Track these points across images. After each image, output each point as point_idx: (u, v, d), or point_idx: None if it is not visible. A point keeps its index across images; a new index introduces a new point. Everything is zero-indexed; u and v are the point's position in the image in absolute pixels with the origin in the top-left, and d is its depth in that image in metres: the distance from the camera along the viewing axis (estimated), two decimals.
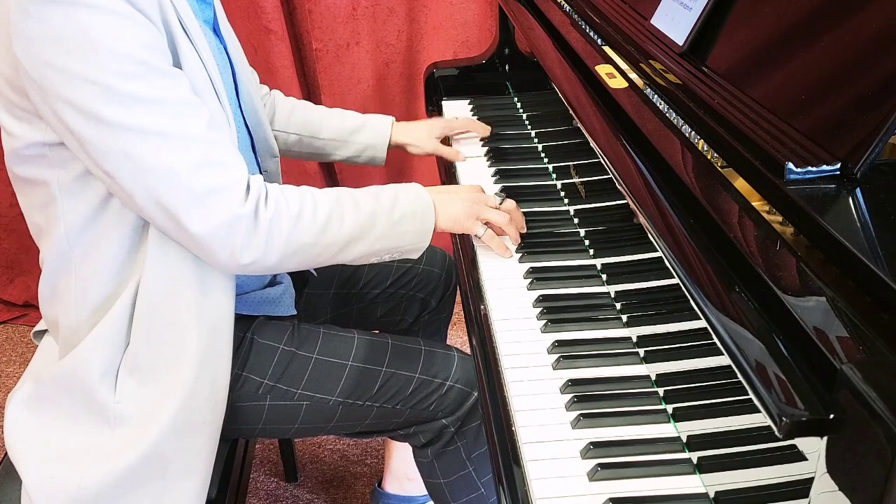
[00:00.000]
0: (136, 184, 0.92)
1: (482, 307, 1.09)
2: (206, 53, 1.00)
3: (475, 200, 1.15)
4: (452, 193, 1.16)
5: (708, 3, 1.00)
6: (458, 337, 2.19)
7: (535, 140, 1.54)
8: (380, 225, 1.06)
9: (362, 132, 1.43)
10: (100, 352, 1.01)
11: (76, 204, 0.97)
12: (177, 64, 0.96)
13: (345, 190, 1.09)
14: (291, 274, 1.31)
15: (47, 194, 0.98)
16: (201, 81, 0.98)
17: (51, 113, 0.90)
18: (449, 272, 1.46)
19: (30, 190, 1.01)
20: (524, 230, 1.21)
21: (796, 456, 0.63)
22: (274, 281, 1.25)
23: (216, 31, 1.12)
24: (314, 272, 1.38)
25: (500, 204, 1.18)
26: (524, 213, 1.24)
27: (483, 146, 1.54)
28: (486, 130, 1.54)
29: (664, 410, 0.89)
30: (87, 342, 1.01)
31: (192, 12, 1.00)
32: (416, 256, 1.13)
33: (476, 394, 1.15)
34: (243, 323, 1.15)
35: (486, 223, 1.17)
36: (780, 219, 0.71)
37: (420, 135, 1.48)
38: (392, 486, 1.58)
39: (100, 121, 0.88)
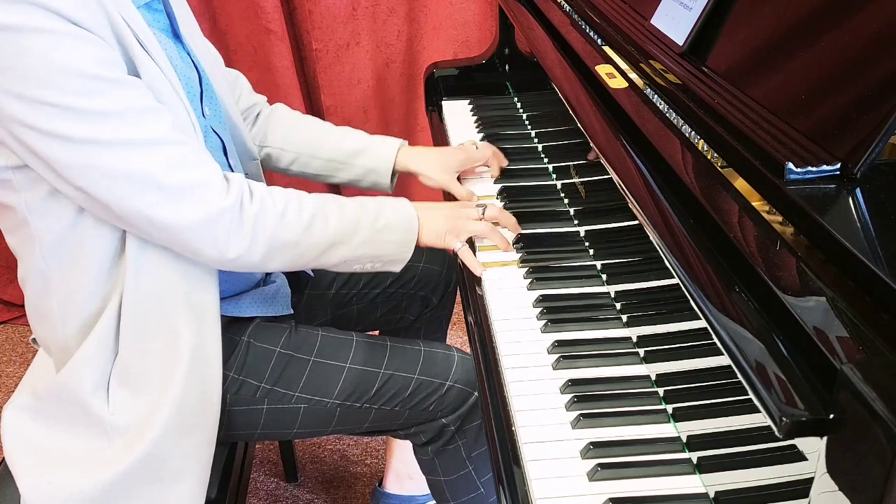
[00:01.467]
0: (111, 195, 0.92)
1: (482, 307, 1.09)
2: (163, 60, 1.00)
3: (458, 217, 1.16)
4: (436, 209, 1.16)
5: (708, 3, 1.00)
6: (458, 337, 2.19)
7: (535, 140, 1.54)
8: (362, 231, 1.07)
9: (363, 155, 1.33)
10: (90, 367, 1.01)
11: (48, 223, 0.97)
12: (133, 72, 0.95)
13: (331, 195, 1.10)
14: (288, 274, 1.31)
15: (17, 217, 0.98)
16: (161, 87, 0.98)
17: (10, 137, 0.89)
18: (449, 269, 1.46)
19: (2, 211, 1.00)
20: (518, 230, 1.21)
21: (796, 456, 0.63)
22: (268, 279, 1.25)
23: (177, 37, 1.11)
24: (311, 272, 1.37)
25: (483, 214, 1.18)
26: (524, 213, 1.24)
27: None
28: (503, 162, 1.42)
29: (664, 410, 0.89)
30: (77, 358, 1.01)
31: (146, 22, 1.00)
32: (397, 269, 1.13)
33: (476, 393, 1.15)
34: (239, 326, 1.15)
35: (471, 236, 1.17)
36: (780, 219, 0.71)
37: (432, 165, 1.35)
38: (393, 485, 1.58)
39: (64, 139, 0.88)
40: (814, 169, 0.71)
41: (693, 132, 0.90)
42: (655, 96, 1.00)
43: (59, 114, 0.87)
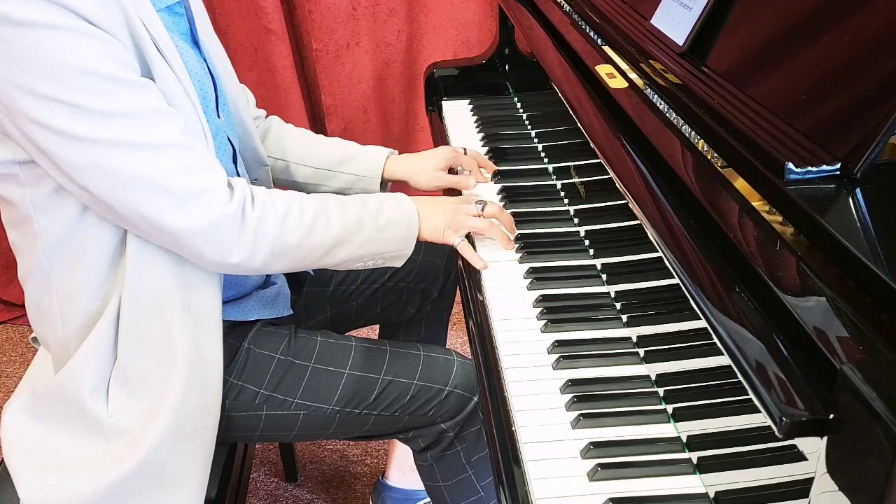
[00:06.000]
0: (114, 196, 0.92)
1: (482, 307, 1.09)
2: (179, 65, 0.99)
3: (457, 212, 1.15)
4: (436, 204, 1.16)
5: (708, 3, 1.00)
6: (458, 337, 2.19)
7: (535, 140, 1.54)
8: (365, 230, 1.07)
9: (352, 162, 1.34)
10: (89, 368, 1.01)
11: (52, 221, 0.97)
12: (148, 75, 0.95)
13: (332, 196, 1.10)
14: (287, 274, 1.31)
15: (21, 213, 0.98)
16: (175, 92, 0.97)
17: (18, 133, 0.89)
18: (449, 260, 1.45)
19: (5, 207, 1.00)
20: (514, 231, 1.21)
21: (796, 456, 0.63)
22: (268, 282, 1.24)
23: (196, 43, 1.11)
24: (311, 271, 1.37)
25: (483, 210, 1.18)
26: (524, 213, 1.24)
27: (483, 146, 1.54)
28: (491, 169, 1.42)
29: (664, 410, 0.89)
30: (76, 359, 1.01)
31: (165, 25, 0.99)
32: (398, 265, 1.13)
33: (475, 398, 1.15)
34: (240, 331, 1.15)
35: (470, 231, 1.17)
36: (780, 219, 0.71)
37: (419, 168, 1.37)
38: (395, 477, 1.58)
39: (72, 138, 0.88)
40: (814, 169, 0.71)
41: (693, 132, 0.90)
42: (655, 96, 1.00)
43: (68, 111, 0.86)
